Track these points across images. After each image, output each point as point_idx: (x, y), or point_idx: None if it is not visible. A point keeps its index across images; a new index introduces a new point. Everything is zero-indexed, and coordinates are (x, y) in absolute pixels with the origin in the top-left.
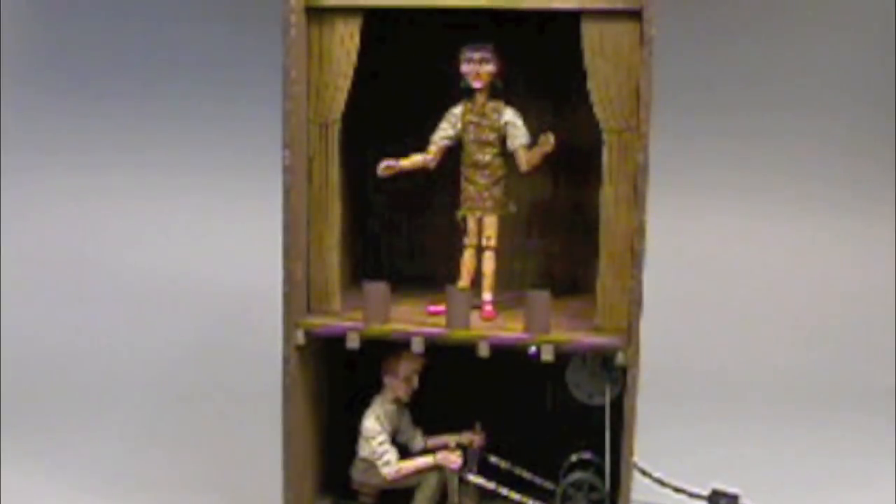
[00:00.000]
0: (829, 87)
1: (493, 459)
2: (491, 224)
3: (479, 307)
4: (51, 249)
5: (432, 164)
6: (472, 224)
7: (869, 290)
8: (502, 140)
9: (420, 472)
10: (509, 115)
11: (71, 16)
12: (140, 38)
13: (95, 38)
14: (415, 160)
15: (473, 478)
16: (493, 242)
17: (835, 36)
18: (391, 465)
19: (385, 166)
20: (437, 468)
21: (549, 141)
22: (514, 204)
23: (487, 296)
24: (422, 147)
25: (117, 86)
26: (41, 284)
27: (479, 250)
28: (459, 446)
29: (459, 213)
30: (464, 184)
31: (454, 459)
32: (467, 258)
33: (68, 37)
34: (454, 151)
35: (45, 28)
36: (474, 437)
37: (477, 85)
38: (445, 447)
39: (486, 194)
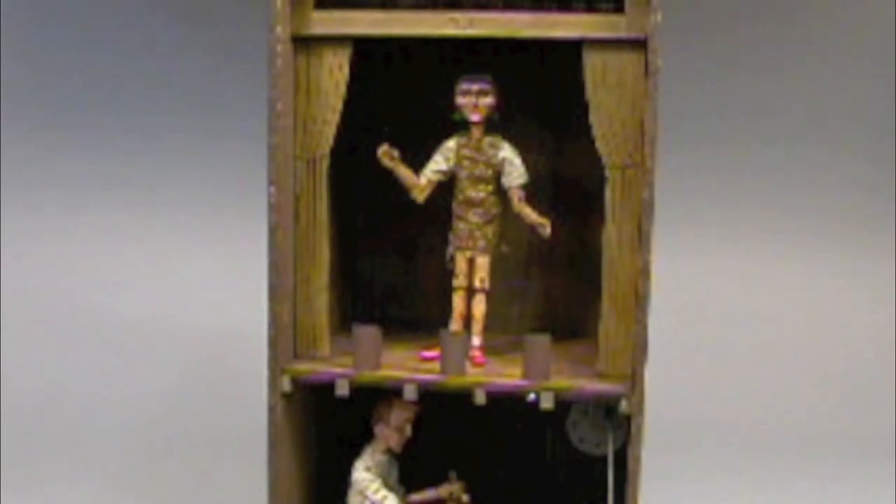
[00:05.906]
0: (838, 120)
1: None
2: (483, 265)
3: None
4: (27, 291)
5: (420, 198)
6: (461, 264)
7: (880, 334)
8: (498, 177)
9: None
10: (507, 152)
11: (51, 48)
12: (120, 72)
13: (74, 73)
14: (410, 176)
15: None
16: (485, 285)
17: (840, 70)
18: None
19: (385, 151)
20: None
21: (545, 231)
22: (507, 245)
23: (476, 340)
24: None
25: (96, 121)
26: (17, 327)
27: (470, 292)
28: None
29: (449, 252)
30: (455, 221)
31: None
32: (458, 301)
33: (44, 70)
34: (446, 189)
35: (23, 63)
36: (451, 489)
37: (475, 118)
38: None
39: (478, 233)
